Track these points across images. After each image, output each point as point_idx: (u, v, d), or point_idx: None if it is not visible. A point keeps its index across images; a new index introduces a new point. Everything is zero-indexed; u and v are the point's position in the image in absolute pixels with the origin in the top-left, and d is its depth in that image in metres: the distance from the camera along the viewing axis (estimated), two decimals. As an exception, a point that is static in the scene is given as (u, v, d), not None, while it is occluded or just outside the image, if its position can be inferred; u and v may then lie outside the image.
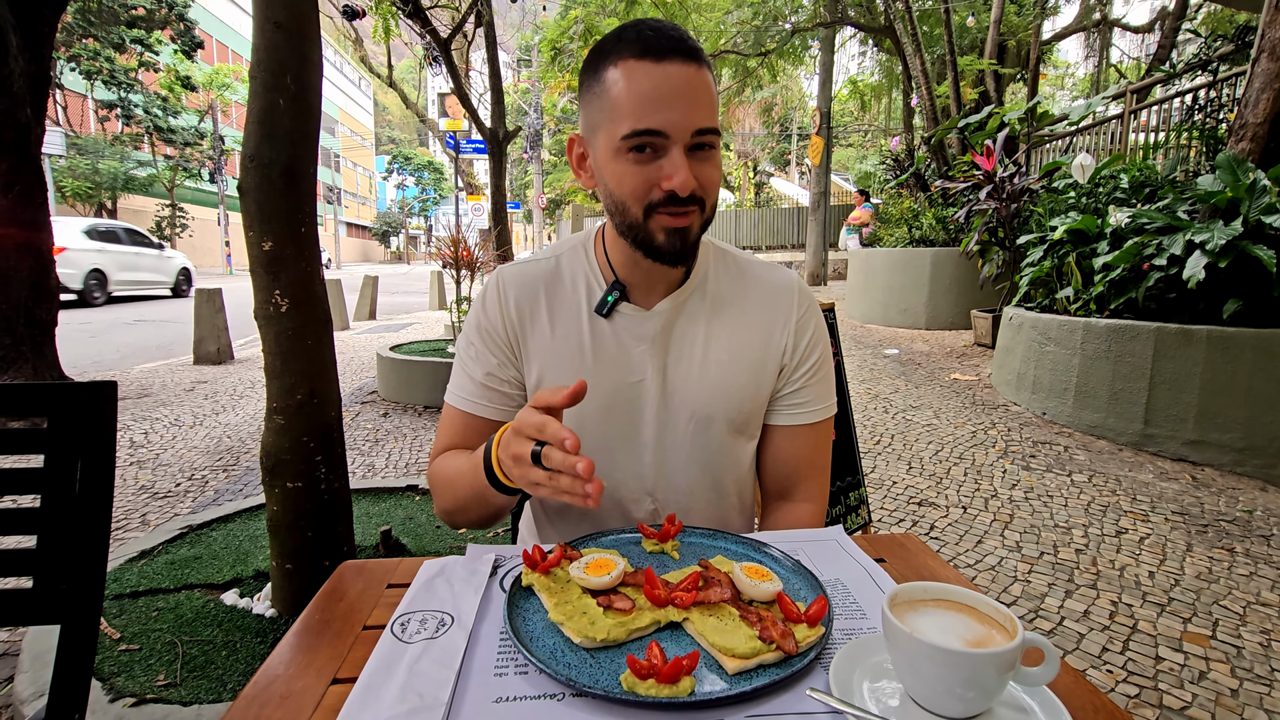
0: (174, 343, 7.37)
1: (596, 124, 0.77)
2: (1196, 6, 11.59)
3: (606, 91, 0.75)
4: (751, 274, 0.93)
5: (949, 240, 7.26)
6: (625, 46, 0.73)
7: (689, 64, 0.73)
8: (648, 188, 0.75)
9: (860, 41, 14.70)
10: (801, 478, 0.94)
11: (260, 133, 1.53)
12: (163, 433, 3.89)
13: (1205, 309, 3.15)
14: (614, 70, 0.74)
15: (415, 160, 50.11)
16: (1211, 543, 2.38)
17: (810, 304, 0.93)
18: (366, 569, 0.73)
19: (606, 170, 0.78)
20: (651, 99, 0.72)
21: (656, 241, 0.77)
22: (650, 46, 0.72)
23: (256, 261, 1.57)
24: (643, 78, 0.72)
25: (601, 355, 0.86)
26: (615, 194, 0.78)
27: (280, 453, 1.66)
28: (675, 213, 0.75)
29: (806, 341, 0.91)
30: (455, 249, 4.81)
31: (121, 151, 22.80)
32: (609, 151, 0.76)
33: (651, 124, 0.72)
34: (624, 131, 0.73)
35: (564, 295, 0.88)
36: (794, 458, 0.93)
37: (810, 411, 0.92)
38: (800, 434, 0.93)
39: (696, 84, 0.73)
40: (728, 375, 0.88)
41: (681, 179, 0.73)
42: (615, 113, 0.74)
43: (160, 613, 1.76)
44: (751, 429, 0.92)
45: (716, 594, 0.59)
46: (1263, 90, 3.49)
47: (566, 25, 11.55)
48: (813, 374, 0.92)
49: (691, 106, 0.72)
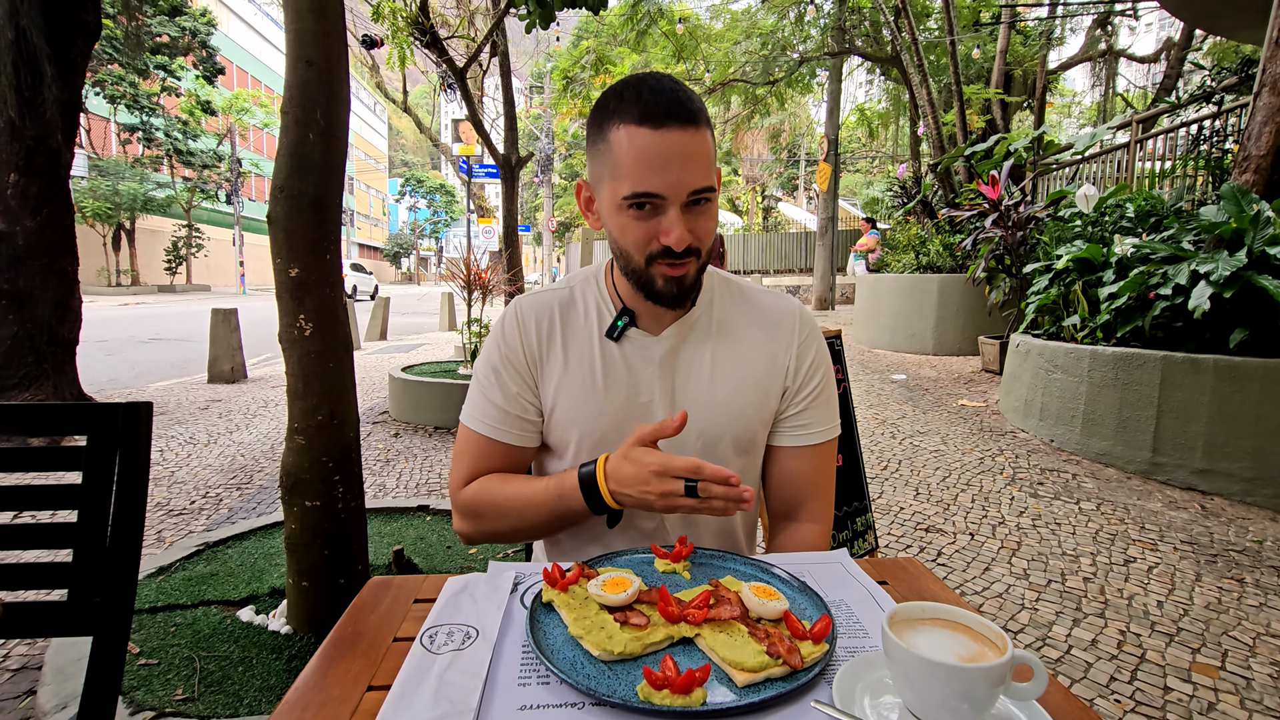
0: (189, 361, 7.48)
1: (601, 177, 0.84)
2: (1202, 38, 11.72)
3: (610, 150, 0.81)
4: (754, 300, 0.99)
5: (956, 267, 7.31)
6: (627, 109, 0.78)
7: (686, 128, 0.78)
8: (647, 241, 0.82)
9: (867, 70, 14.92)
10: (807, 498, 0.97)
11: (290, 165, 1.60)
12: (178, 450, 3.95)
13: (1212, 338, 3.17)
14: (617, 131, 0.79)
15: (428, 183, 50.90)
16: (1221, 573, 2.37)
17: (812, 328, 0.98)
18: (393, 585, 0.77)
19: (610, 221, 0.85)
20: (650, 164, 0.78)
21: (656, 287, 0.84)
22: (649, 112, 0.77)
23: (283, 287, 1.63)
24: (642, 143, 0.78)
25: (612, 378, 0.92)
26: (619, 242, 0.85)
27: (300, 472, 1.70)
28: (673, 264, 0.82)
29: (809, 364, 0.96)
30: (467, 271, 4.90)
31: (141, 173, 23.32)
32: (612, 206, 0.83)
33: (650, 188, 0.78)
34: (625, 192, 0.80)
35: (577, 321, 0.94)
36: (799, 478, 0.97)
37: (814, 433, 0.96)
38: (804, 455, 0.97)
39: (692, 147, 0.79)
40: (733, 396, 0.92)
41: (677, 236, 0.79)
42: (617, 171, 0.80)
43: (178, 628, 1.79)
44: (757, 449, 0.97)
45: (727, 611, 0.63)
46: (1265, 124, 3.54)
47: (578, 55, 11.81)
48: (815, 396, 0.96)
49: (687, 169, 0.78)
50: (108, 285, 23.96)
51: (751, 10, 12.67)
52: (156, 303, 19.00)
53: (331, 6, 1.62)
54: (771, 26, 12.05)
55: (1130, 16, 13.31)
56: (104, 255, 23.92)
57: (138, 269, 25.09)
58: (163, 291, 24.71)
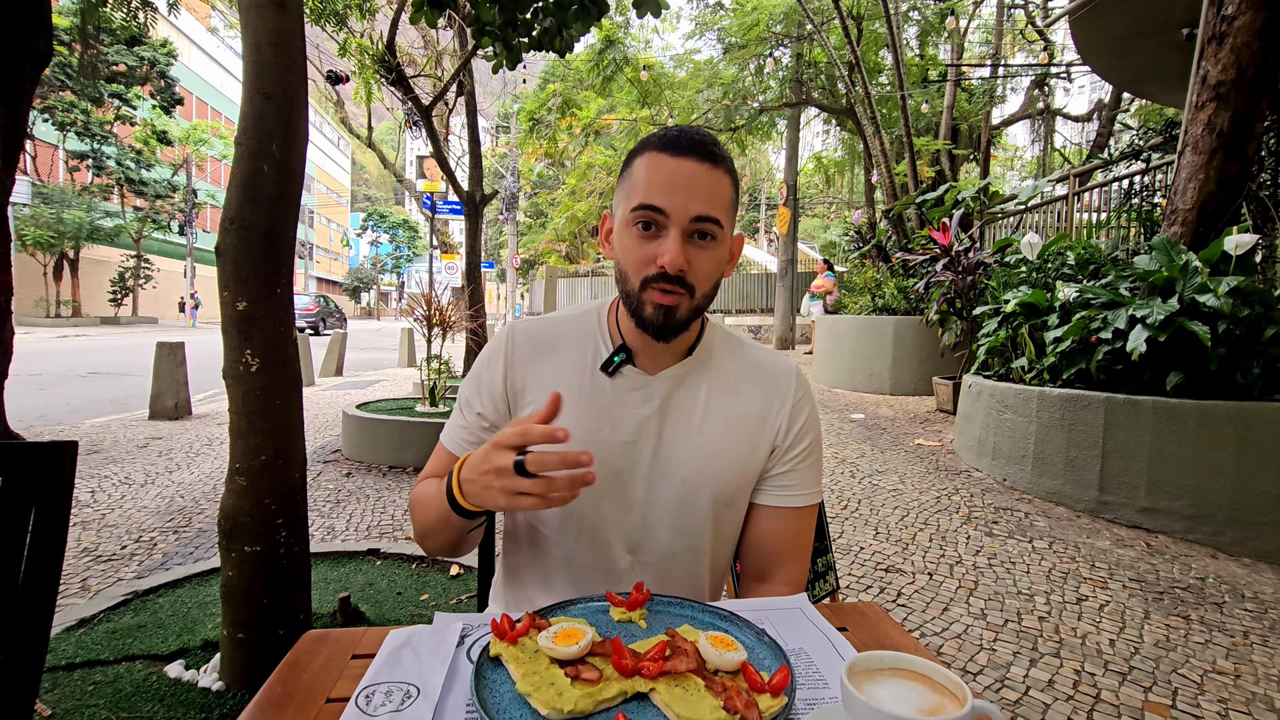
0: (130, 396, 7.14)
1: (619, 201, 0.88)
2: (1129, 100, 12.60)
3: (631, 175, 0.86)
4: (753, 356, 0.99)
5: (910, 309, 7.54)
6: (656, 141, 0.85)
7: (703, 162, 0.82)
8: (646, 262, 0.83)
9: (824, 121, 15.56)
10: (782, 560, 0.95)
11: (242, 196, 1.56)
12: (111, 491, 3.73)
13: (1150, 380, 3.31)
14: (640, 159, 0.85)
15: (391, 218, 50.54)
16: (1168, 610, 2.43)
17: (806, 391, 0.98)
18: (330, 639, 0.72)
19: (618, 240, 0.87)
20: (661, 182, 0.82)
21: (645, 312, 0.84)
22: (672, 143, 0.83)
23: (230, 321, 1.57)
24: (658, 165, 0.83)
25: (598, 413, 0.90)
26: (621, 263, 0.87)
27: (240, 515, 1.61)
28: (664, 290, 0.83)
29: (800, 426, 0.95)
30: (429, 307, 4.83)
31: (89, 202, 22.57)
32: (622, 223, 0.86)
33: (655, 202, 0.81)
34: (633, 205, 0.83)
35: (570, 354, 0.93)
36: (776, 540, 0.95)
37: (797, 495, 0.95)
38: (785, 516, 0.95)
39: (705, 178, 0.82)
40: (721, 448, 0.91)
41: (671, 258, 0.80)
42: (632, 190, 0.85)
43: (97, 686, 1.65)
44: (738, 504, 0.95)
45: (683, 663, 0.60)
46: (1189, 180, 3.79)
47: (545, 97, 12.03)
48: (803, 458, 0.95)
49: (694, 195, 0.82)
50: (46, 316, 22.89)
51: (714, 60, 13.16)
52: (99, 335, 18.20)
53: (292, 40, 1.61)
54: (733, 77, 12.52)
55: (1065, 79, 14.28)
56: (44, 285, 22.92)
57: (79, 299, 24.07)
58: (106, 324, 23.71)
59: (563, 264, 25.76)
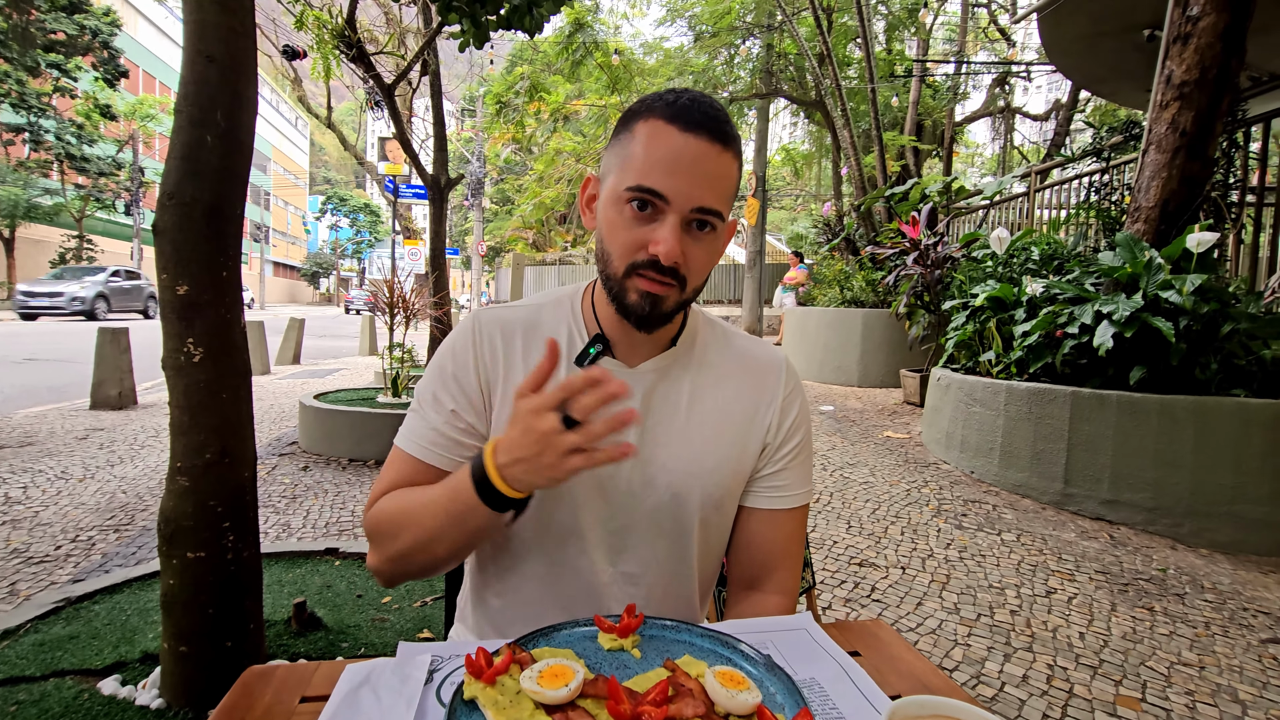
0: (70, 385, 6.76)
1: (611, 168, 0.77)
2: (1086, 100, 12.93)
3: (630, 140, 0.75)
4: (739, 347, 0.91)
5: (879, 302, 7.61)
6: (662, 106, 0.74)
7: (714, 143, 0.73)
8: (635, 247, 0.74)
9: (792, 113, 15.61)
10: (774, 567, 0.88)
11: (183, 169, 1.42)
12: (45, 487, 3.49)
13: (1115, 374, 3.37)
14: (643, 125, 0.74)
15: (351, 202, 49.15)
16: (1133, 602, 2.46)
17: (796, 384, 0.91)
18: (276, 677, 0.63)
19: (604, 214, 0.77)
20: (664, 162, 0.72)
21: (628, 299, 0.75)
22: (681, 114, 0.73)
23: (169, 306, 1.44)
24: (663, 139, 0.72)
25: None
26: (605, 241, 0.77)
27: (182, 519, 1.48)
28: (654, 279, 0.74)
29: (791, 421, 0.89)
30: (391, 294, 4.65)
31: (25, 178, 21.33)
32: (612, 197, 0.75)
33: (656, 185, 0.72)
34: (629, 183, 0.73)
35: (542, 345, 0.83)
36: (768, 544, 0.89)
37: (789, 496, 0.88)
38: (777, 519, 0.88)
39: (713, 163, 0.73)
40: (708, 447, 0.84)
41: (668, 248, 0.72)
42: (628, 163, 0.74)
43: (20, 706, 1.51)
44: (727, 507, 0.88)
45: (689, 707, 0.53)
46: (1152, 178, 3.85)
47: (513, 80, 11.78)
48: (795, 456, 0.89)
49: (699, 182, 0.72)
50: (-23, 299, 21.65)
51: (684, 49, 13.05)
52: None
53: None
54: (703, 66, 12.43)
55: (1025, 78, 14.58)
56: (-25, 266, 21.66)
57: (15, 282, 22.82)
58: (44, 307, 22.50)
59: (530, 252, 25.42)
